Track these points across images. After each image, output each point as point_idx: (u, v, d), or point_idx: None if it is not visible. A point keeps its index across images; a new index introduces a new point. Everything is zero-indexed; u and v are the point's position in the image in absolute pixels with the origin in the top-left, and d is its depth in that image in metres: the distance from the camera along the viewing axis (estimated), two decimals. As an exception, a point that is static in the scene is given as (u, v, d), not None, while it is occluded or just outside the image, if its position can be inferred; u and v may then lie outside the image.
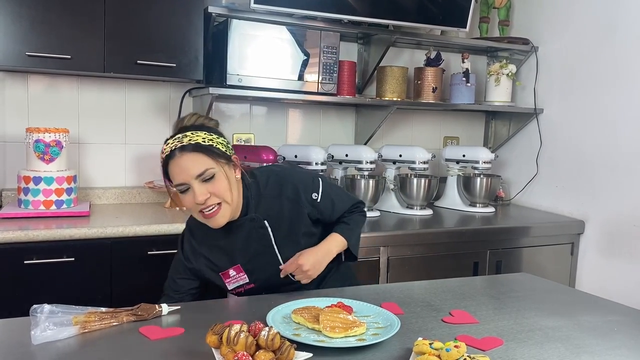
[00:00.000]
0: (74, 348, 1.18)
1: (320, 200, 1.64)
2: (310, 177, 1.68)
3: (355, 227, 1.71)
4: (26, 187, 2.28)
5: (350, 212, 1.72)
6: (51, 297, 1.46)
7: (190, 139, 1.48)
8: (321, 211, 1.66)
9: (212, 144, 1.50)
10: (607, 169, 2.79)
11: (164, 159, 1.51)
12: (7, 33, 2.16)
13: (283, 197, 1.62)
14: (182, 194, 1.50)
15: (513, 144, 3.39)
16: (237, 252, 1.61)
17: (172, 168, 1.49)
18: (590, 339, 1.33)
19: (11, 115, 2.53)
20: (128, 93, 2.72)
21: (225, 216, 1.52)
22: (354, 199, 1.75)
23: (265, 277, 1.63)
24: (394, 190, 2.94)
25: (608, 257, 2.79)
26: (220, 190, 1.49)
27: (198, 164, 1.47)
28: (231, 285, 1.64)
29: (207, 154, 1.48)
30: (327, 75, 2.69)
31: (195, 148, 1.47)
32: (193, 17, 2.42)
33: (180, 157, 1.47)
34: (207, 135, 1.51)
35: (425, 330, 1.34)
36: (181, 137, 1.49)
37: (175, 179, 1.49)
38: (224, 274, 1.62)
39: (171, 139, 1.52)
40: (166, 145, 1.51)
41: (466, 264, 2.62)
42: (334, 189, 1.71)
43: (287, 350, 1.10)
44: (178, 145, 1.48)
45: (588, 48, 2.89)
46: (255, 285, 1.63)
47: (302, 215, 1.63)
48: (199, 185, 1.47)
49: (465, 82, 3.08)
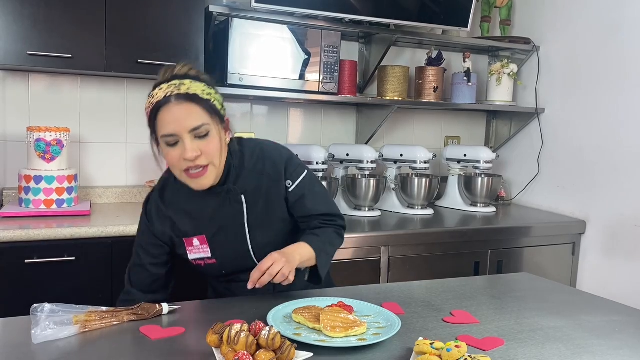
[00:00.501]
0: (74, 347, 1.18)
1: (293, 189, 1.52)
2: (297, 164, 1.57)
3: (329, 245, 1.52)
4: (27, 186, 2.28)
5: (325, 222, 1.57)
6: (52, 296, 1.46)
7: (189, 87, 1.35)
8: (291, 202, 1.54)
9: (210, 99, 1.38)
10: (609, 168, 2.78)
11: (154, 105, 1.35)
12: (9, 32, 2.16)
13: (265, 174, 1.51)
14: (169, 147, 1.36)
15: (514, 143, 3.39)
16: (205, 221, 1.49)
17: (163, 115, 1.34)
18: (591, 339, 1.33)
19: (12, 115, 2.53)
20: (129, 92, 2.72)
21: (210, 179, 1.41)
22: (333, 208, 1.60)
23: (228, 256, 1.52)
24: (395, 189, 2.94)
25: (609, 257, 2.78)
26: (212, 150, 1.37)
27: (195, 117, 1.34)
28: (192, 255, 1.52)
29: (205, 108, 1.36)
30: (328, 75, 2.68)
31: (194, 99, 1.34)
32: (194, 16, 2.42)
33: (176, 105, 1.33)
34: (207, 88, 1.38)
35: (426, 330, 1.34)
36: (178, 84, 1.35)
37: (164, 129, 1.35)
38: (188, 240, 1.51)
39: (165, 83, 1.36)
40: (158, 89, 1.36)
41: (467, 264, 2.61)
42: (315, 187, 1.58)
43: (287, 349, 1.09)
44: (175, 92, 1.34)
45: (590, 48, 2.89)
46: (216, 262, 1.52)
47: (280, 198, 1.52)
48: (191, 140, 1.35)
49: (466, 82, 3.08)
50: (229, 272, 1.55)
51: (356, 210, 2.79)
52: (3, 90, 2.51)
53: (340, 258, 2.34)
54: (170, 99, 1.34)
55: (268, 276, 1.33)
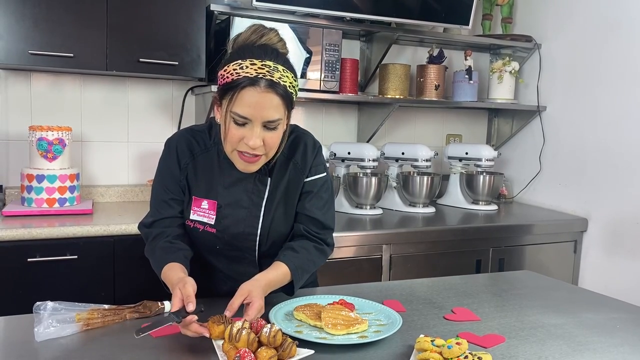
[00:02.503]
0: (76, 345, 1.18)
1: (305, 183, 1.48)
2: (321, 162, 1.52)
3: (308, 270, 1.45)
4: (29, 185, 2.28)
5: (310, 232, 1.48)
6: (54, 294, 1.47)
7: (281, 77, 1.30)
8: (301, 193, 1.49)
9: (293, 92, 1.33)
10: (611, 166, 2.78)
11: (240, 80, 1.27)
12: (10, 31, 2.17)
13: (292, 162, 1.47)
14: (235, 124, 1.30)
15: (516, 141, 3.38)
16: (221, 189, 1.44)
17: (245, 95, 1.27)
18: (592, 336, 1.33)
19: (14, 114, 2.53)
20: (130, 91, 2.73)
21: (259, 167, 1.38)
22: (328, 220, 1.51)
23: (231, 231, 1.45)
24: (396, 188, 2.94)
25: (611, 255, 2.78)
26: (274, 143, 1.34)
27: (276, 110, 1.30)
28: (194, 216, 1.45)
29: (286, 103, 1.32)
30: (329, 73, 2.69)
31: (282, 92, 1.30)
32: (195, 15, 2.42)
33: (263, 91, 1.27)
34: (293, 79, 1.34)
35: (427, 328, 1.34)
36: (272, 69, 1.29)
37: (240, 109, 1.28)
38: (197, 200, 1.45)
39: (257, 60, 1.29)
40: (250, 62, 1.29)
41: (469, 262, 2.61)
42: (324, 192, 1.52)
43: (288, 347, 1.10)
44: (267, 77, 1.28)
45: (591, 45, 2.88)
46: (215, 232, 1.45)
47: (298, 189, 1.48)
48: (261, 130, 1.30)
49: (468, 80, 3.08)
50: (222, 247, 1.47)
51: (358, 209, 2.79)
52: (5, 90, 2.51)
53: (342, 256, 2.35)
54: (259, 82, 1.27)
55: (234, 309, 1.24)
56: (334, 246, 1.56)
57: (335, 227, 1.56)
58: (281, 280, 1.38)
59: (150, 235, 1.47)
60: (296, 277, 1.40)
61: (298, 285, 1.42)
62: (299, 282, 1.42)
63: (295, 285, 1.42)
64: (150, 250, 1.46)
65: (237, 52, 1.34)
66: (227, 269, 1.51)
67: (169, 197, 1.47)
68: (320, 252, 1.49)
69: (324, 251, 1.50)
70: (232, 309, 1.23)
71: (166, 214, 1.47)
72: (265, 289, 1.31)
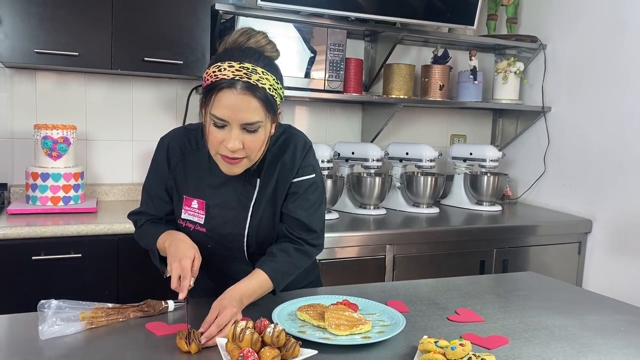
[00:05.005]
0: (80, 343, 1.19)
1: (292, 184, 1.45)
2: (311, 164, 1.49)
3: (288, 273, 1.43)
4: (34, 183, 2.29)
5: (292, 233, 1.46)
6: (58, 292, 1.47)
7: (260, 79, 1.28)
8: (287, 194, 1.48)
9: (274, 95, 1.32)
10: (615, 167, 2.77)
11: (218, 81, 1.27)
12: (16, 30, 2.18)
13: (281, 162, 1.45)
14: (214, 126, 1.30)
15: (520, 142, 3.38)
16: (210, 190, 1.45)
17: (222, 97, 1.27)
18: (596, 338, 1.32)
19: (19, 112, 2.54)
20: (135, 90, 2.73)
21: (242, 169, 1.37)
22: (312, 222, 1.47)
23: (220, 230, 1.46)
24: (400, 188, 2.94)
25: (615, 256, 2.77)
26: (254, 146, 1.32)
27: (252, 112, 1.28)
28: (185, 215, 1.47)
29: (265, 106, 1.29)
30: (333, 73, 2.68)
31: (260, 94, 1.28)
32: (200, 14, 2.43)
33: (240, 94, 1.26)
34: (275, 82, 1.32)
35: (430, 329, 1.34)
36: (249, 71, 1.27)
37: (218, 111, 1.28)
38: (187, 199, 1.47)
39: (235, 62, 1.28)
40: (228, 65, 1.28)
41: (473, 263, 2.61)
42: (311, 193, 1.48)
43: (292, 347, 1.10)
44: (244, 79, 1.26)
45: (597, 46, 2.87)
46: (206, 232, 1.46)
47: (286, 189, 1.46)
48: (239, 132, 1.29)
49: (472, 80, 3.07)
50: (213, 246, 1.47)
51: (361, 209, 2.79)
52: (10, 88, 2.52)
53: (346, 256, 2.35)
54: (236, 84, 1.26)
55: (216, 327, 1.21)
56: (322, 247, 1.52)
57: (339, 227, 1.56)
58: (259, 287, 1.37)
59: (139, 221, 1.55)
60: (276, 281, 1.39)
61: (279, 288, 1.41)
62: (280, 285, 1.41)
63: (276, 289, 1.41)
64: (140, 233, 1.54)
65: (220, 54, 1.35)
66: (222, 267, 1.53)
67: (154, 192, 1.53)
68: (301, 253, 1.46)
69: (305, 252, 1.47)
70: (207, 325, 1.23)
71: (151, 211, 1.54)
72: (240, 299, 1.31)
